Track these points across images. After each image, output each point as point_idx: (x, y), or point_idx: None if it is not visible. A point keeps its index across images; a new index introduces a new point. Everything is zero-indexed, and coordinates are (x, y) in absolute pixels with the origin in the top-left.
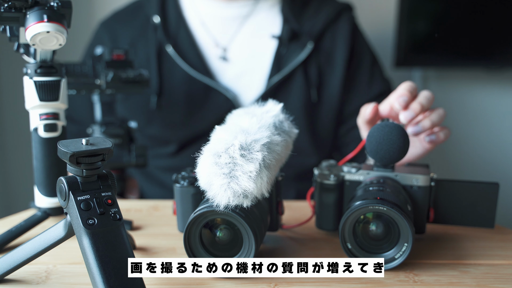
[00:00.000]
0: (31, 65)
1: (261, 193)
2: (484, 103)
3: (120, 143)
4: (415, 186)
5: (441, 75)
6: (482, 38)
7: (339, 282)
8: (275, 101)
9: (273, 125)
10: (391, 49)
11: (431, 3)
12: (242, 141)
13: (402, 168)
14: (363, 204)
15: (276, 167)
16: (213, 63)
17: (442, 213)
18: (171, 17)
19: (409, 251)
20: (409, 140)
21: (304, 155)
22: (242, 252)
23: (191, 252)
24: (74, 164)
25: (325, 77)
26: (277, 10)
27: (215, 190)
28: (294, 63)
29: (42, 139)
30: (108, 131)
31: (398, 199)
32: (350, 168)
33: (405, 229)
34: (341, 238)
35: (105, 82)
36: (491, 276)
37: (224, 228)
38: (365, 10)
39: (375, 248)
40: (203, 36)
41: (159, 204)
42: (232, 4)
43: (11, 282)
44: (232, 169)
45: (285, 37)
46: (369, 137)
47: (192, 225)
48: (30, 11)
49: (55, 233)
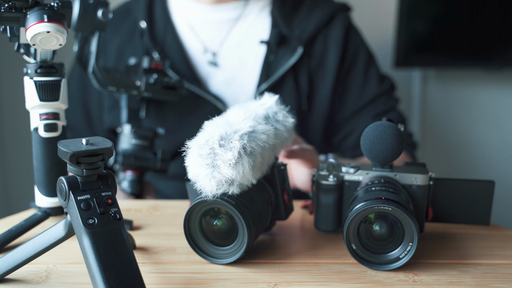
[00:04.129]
0: (31, 65)
1: (247, 179)
2: (484, 103)
3: (147, 146)
4: (414, 185)
5: (441, 75)
6: (482, 38)
7: (339, 282)
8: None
9: (265, 116)
10: (391, 49)
11: (431, 3)
12: (222, 132)
13: (401, 168)
14: (368, 204)
15: (264, 154)
16: (202, 69)
17: (439, 211)
18: (158, 22)
19: (414, 251)
20: (403, 140)
21: None
22: (238, 239)
23: (192, 240)
24: (74, 164)
25: (316, 84)
26: (267, 13)
27: (202, 181)
28: (283, 69)
29: (42, 139)
30: (138, 132)
31: (401, 199)
32: (348, 168)
33: (410, 229)
34: (346, 239)
35: (145, 84)
36: (490, 276)
37: (223, 217)
38: (365, 10)
39: (380, 249)
40: (192, 41)
41: (159, 204)
42: (221, 7)
43: (11, 282)
44: (213, 159)
45: (273, 42)
46: (363, 136)
47: (190, 217)
48: (30, 11)
49: (55, 233)
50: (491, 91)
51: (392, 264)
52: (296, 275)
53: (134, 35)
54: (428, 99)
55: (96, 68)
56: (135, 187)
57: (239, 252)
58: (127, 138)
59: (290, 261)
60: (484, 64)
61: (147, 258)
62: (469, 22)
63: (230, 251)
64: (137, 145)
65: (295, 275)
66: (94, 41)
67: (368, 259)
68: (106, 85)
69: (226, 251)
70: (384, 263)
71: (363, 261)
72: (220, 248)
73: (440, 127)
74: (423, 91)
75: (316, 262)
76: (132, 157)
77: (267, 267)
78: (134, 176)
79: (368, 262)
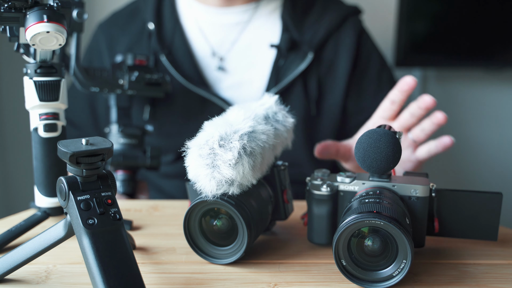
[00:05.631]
0: (31, 65)
1: (247, 179)
2: (484, 103)
3: (136, 144)
4: (414, 197)
5: (441, 75)
6: (482, 38)
7: (339, 282)
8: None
9: (264, 116)
10: (391, 49)
11: (431, 3)
12: (222, 133)
13: (400, 178)
14: (358, 218)
15: (264, 154)
16: (210, 73)
17: (443, 225)
18: (167, 24)
19: (407, 268)
20: (400, 149)
21: (303, 168)
22: (238, 239)
23: (192, 241)
24: (74, 164)
25: (325, 89)
26: (277, 16)
27: (202, 181)
28: (293, 75)
29: (42, 139)
30: (125, 131)
31: (396, 212)
32: (344, 177)
33: (404, 245)
34: (335, 254)
35: (128, 82)
36: (490, 276)
37: (223, 218)
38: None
39: (372, 265)
40: (201, 44)
41: (159, 204)
42: (230, 9)
43: (11, 282)
44: (213, 159)
45: (284, 47)
46: (357, 144)
47: (189, 217)
48: (30, 11)
49: (55, 233)
50: (491, 91)
51: (384, 283)
52: (296, 275)
53: (143, 36)
54: None
55: (77, 70)
56: (127, 186)
57: (239, 252)
58: (115, 137)
59: (290, 261)
60: (484, 64)
61: (147, 258)
62: (469, 22)
63: (230, 251)
64: (126, 144)
65: (295, 275)
66: (73, 42)
67: (359, 276)
68: (88, 86)
69: (226, 251)
70: (376, 281)
71: (354, 278)
72: (220, 248)
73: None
74: (423, 91)
75: (316, 262)
76: (121, 156)
77: (267, 267)
78: (125, 175)
79: (359, 280)
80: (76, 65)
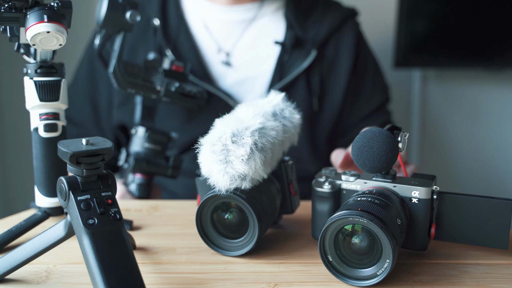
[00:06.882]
0: (31, 65)
1: (259, 174)
2: (484, 103)
3: (160, 150)
4: (415, 199)
5: (440, 75)
6: (482, 38)
7: (339, 282)
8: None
9: (272, 113)
10: (391, 49)
11: (431, 3)
12: (234, 129)
13: (403, 179)
14: (343, 214)
15: (273, 150)
16: (214, 68)
17: (447, 229)
18: (171, 20)
19: (390, 268)
20: (395, 148)
21: (304, 163)
22: (249, 232)
23: (203, 233)
24: (74, 164)
25: (327, 86)
26: (281, 14)
27: (215, 176)
28: (297, 72)
29: (42, 139)
30: (152, 136)
31: (386, 212)
32: (348, 176)
33: (387, 244)
34: (321, 249)
35: (164, 90)
36: (490, 276)
37: (234, 211)
38: (365, 10)
39: (356, 263)
40: (206, 40)
41: (159, 204)
42: (236, 7)
43: (11, 282)
44: (226, 155)
45: (288, 44)
46: (353, 142)
47: (202, 211)
48: (30, 11)
49: (55, 233)
50: (491, 91)
51: (368, 281)
52: (296, 275)
53: (147, 32)
54: (428, 99)
55: (117, 69)
56: (143, 191)
57: (250, 244)
58: (140, 140)
59: (290, 261)
60: (484, 64)
61: (147, 258)
62: (469, 22)
63: (241, 243)
64: (150, 149)
65: (295, 275)
66: (117, 40)
67: (344, 272)
68: (126, 87)
69: (236, 244)
70: (360, 279)
71: (339, 274)
72: (230, 240)
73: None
74: (423, 91)
75: (316, 262)
76: (144, 162)
77: (267, 267)
78: (143, 179)
79: (344, 276)
80: (117, 64)
